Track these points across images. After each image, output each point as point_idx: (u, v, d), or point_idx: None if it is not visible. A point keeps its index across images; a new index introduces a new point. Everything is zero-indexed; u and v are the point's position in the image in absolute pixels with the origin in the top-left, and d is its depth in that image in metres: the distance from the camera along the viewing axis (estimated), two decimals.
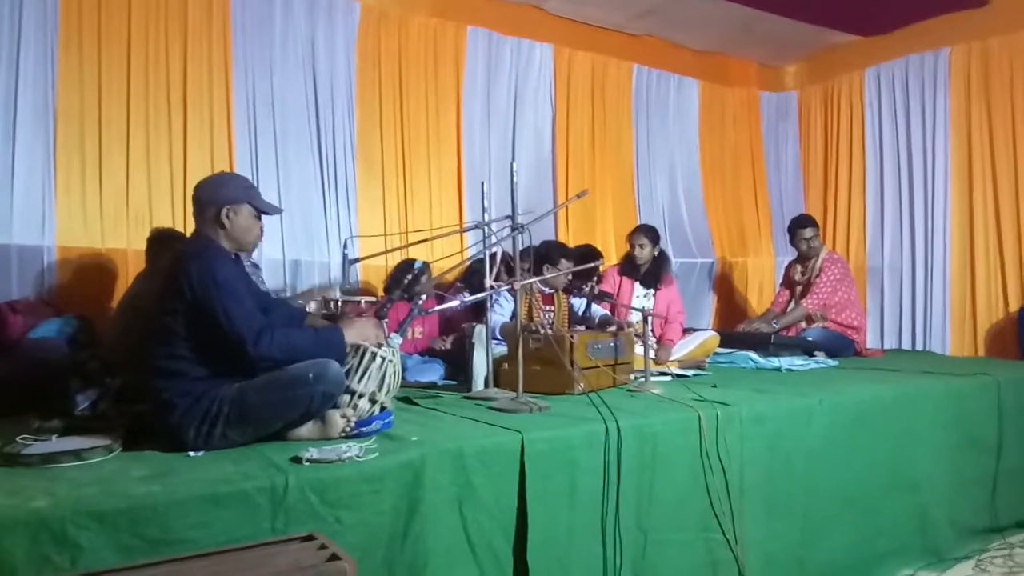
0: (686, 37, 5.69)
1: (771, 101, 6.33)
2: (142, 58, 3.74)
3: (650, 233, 4.48)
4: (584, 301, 3.98)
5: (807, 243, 4.83)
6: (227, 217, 2.31)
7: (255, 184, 3.90)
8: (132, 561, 1.61)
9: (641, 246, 4.42)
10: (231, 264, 2.28)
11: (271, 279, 3.95)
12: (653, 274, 4.44)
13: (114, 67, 3.67)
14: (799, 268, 4.95)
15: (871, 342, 5.33)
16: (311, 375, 2.16)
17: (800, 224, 4.92)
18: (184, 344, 2.17)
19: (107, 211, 3.61)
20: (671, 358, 4.04)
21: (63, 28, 3.53)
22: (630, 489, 2.43)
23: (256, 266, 3.09)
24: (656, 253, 4.46)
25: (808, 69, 6.24)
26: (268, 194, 3.90)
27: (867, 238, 5.74)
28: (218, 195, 2.32)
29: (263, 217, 2.45)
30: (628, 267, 4.50)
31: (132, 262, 3.60)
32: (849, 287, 4.80)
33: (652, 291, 4.44)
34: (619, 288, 4.47)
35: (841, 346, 4.60)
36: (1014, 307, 4.88)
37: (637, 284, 4.46)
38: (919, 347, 5.33)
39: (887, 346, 5.46)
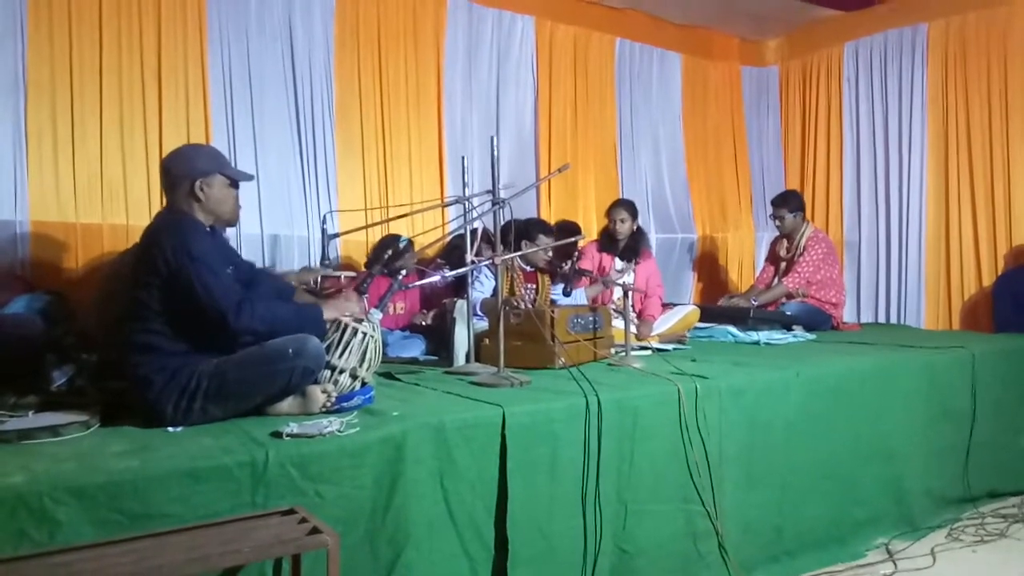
0: (668, 11, 5.65)
1: (752, 76, 6.32)
2: (114, 29, 3.65)
3: (630, 208, 4.48)
4: (559, 287, 3.99)
5: (780, 220, 4.87)
6: (200, 190, 2.27)
7: (232, 157, 3.90)
8: (111, 536, 1.61)
9: (622, 220, 4.42)
10: (207, 237, 2.25)
11: (249, 255, 3.90)
12: (632, 248, 4.45)
13: (85, 39, 3.58)
14: (784, 244, 4.97)
15: (848, 316, 5.38)
16: (291, 350, 2.16)
17: (773, 202, 4.96)
18: (159, 319, 2.16)
19: (80, 185, 3.54)
20: (652, 333, 4.06)
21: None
22: (610, 461, 2.45)
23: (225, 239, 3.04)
24: (635, 228, 4.47)
25: (789, 44, 6.23)
26: (245, 167, 3.85)
27: (844, 213, 5.78)
28: (190, 168, 2.28)
29: (239, 189, 2.42)
30: (607, 242, 4.50)
31: (107, 237, 3.54)
32: (832, 265, 4.83)
33: (632, 265, 4.45)
34: (599, 264, 4.47)
35: (819, 320, 4.65)
36: (988, 281, 4.94)
37: (616, 259, 4.47)
38: (895, 321, 5.40)
39: (864, 320, 5.52)
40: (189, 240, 2.16)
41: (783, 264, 4.96)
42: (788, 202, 4.87)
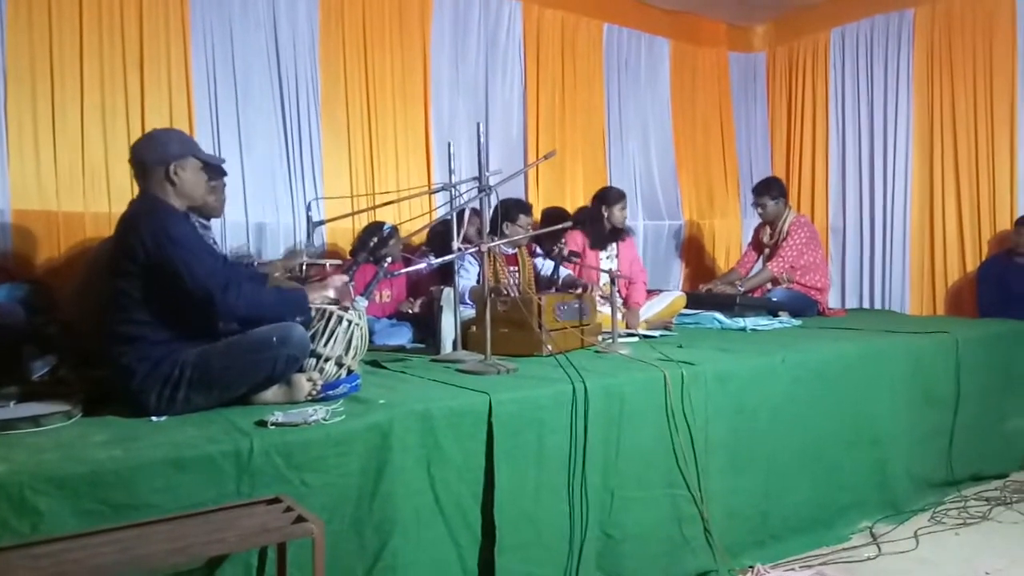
0: None
1: (740, 62, 6.31)
2: (95, 14, 3.59)
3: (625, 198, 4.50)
4: (550, 263, 3.99)
5: (763, 208, 4.88)
6: (175, 174, 2.25)
7: (216, 144, 3.87)
8: (94, 526, 1.60)
9: (622, 208, 4.43)
10: (184, 221, 2.24)
11: (235, 243, 3.88)
12: (616, 231, 4.45)
13: (66, 25, 3.52)
14: (767, 231, 4.99)
15: (833, 302, 5.41)
16: (275, 338, 2.15)
17: (754, 190, 4.98)
18: (141, 308, 2.14)
19: (62, 173, 3.49)
20: (640, 320, 4.06)
21: None
22: (597, 448, 2.46)
23: (206, 227, 3.02)
24: None
25: (776, 30, 6.22)
26: (229, 155, 3.84)
27: (830, 199, 5.80)
28: (164, 152, 2.26)
29: (226, 179, 2.40)
30: (596, 235, 4.47)
31: (89, 225, 3.50)
32: (815, 250, 4.86)
33: (615, 248, 4.45)
34: (584, 253, 4.46)
35: (805, 306, 4.67)
36: (972, 267, 4.98)
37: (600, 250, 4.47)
38: (880, 306, 5.43)
39: (849, 305, 5.55)
40: (168, 224, 2.14)
41: (766, 250, 4.98)
42: (770, 189, 4.89)
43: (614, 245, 4.45)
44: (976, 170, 4.99)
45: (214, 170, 2.50)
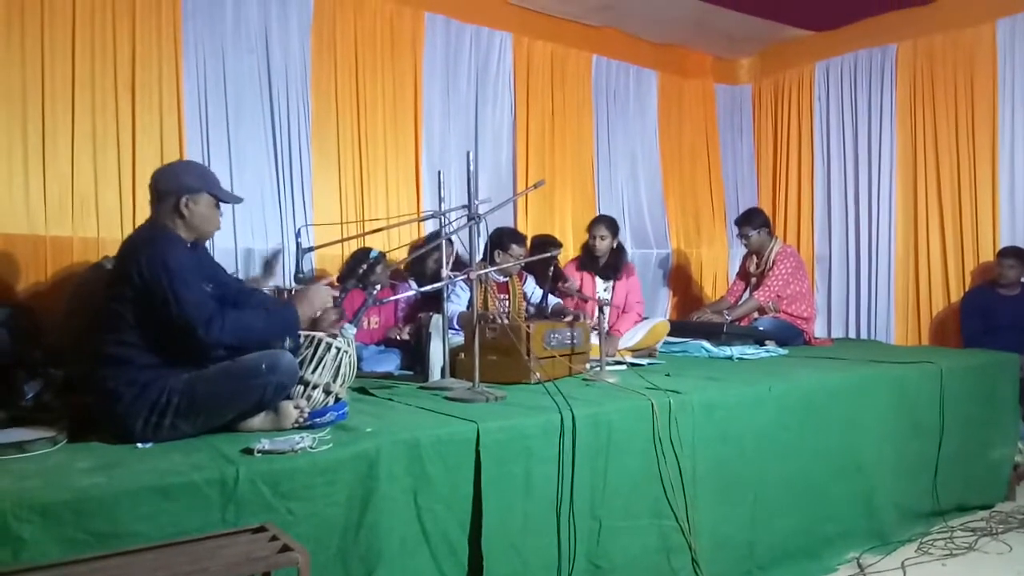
0: (643, 30, 5.72)
1: (726, 94, 6.40)
2: (88, 39, 3.61)
3: (611, 224, 4.50)
4: (538, 290, 4.01)
5: (746, 239, 4.92)
6: (186, 207, 2.27)
7: None
8: (77, 555, 1.58)
9: (602, 237, 4.44)
10: (184, 251, 2.25)
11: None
12: (612, 265, 4.47)
13: (58, 48, 3.54)
14: (754, 260, 5.03)
15: (819, 331, 5.45)
16: (264, 365, 2.14)
17: (736, 222, 5.03)
18: (133, 332, 2.14)
19: (51, 198, 3.49)
20: (620, 347, 4.06)
21: (3, 7, 3.40)
22: (584, 477, 2.45)
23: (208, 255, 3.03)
24: (615, 245, 4.49)
25: (761, 63, 6.33)
26: (220, 181, 3.83)
27: (815, 229, 5.87)
28: (178, 184, 2.28)
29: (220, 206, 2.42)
30: (587, 260, 4.51)
31: (78, 250, 3.50)
32: (801, 280, 4.89)
33: (611, 282, 4.47)
34: (580, 283, 4.49)
35: (791, 335, 4.69)
36: (955, 297, 5.03)
37: (597, 278, 4.49)
38: (865, 336, 5.47)
39: (834, 335, 5.59)
40: (166, 253, 2.15)
41: (753, 280, 5.02)
42: (752, 220, 4.93)
43: (611, 280, 4.47)
44: (959, 202, 5.07)
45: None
